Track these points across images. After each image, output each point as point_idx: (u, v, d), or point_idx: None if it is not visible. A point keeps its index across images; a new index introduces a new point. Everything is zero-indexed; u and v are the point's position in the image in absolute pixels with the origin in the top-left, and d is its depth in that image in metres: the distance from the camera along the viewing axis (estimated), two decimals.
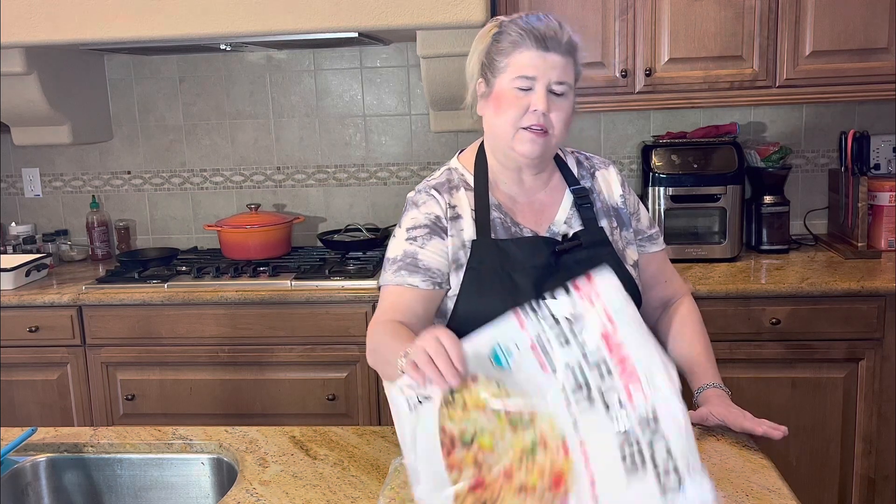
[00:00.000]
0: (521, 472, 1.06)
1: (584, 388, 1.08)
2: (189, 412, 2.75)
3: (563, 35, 1.43)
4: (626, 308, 1.12)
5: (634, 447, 1.05)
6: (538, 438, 1.07)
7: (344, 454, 1.48)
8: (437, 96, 2.75)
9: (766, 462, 1.39)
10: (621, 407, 1.06)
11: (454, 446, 1.09)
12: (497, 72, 1.45)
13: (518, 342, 1.11)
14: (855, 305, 2.48)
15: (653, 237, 1.64)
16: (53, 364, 2.79)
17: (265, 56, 3.20)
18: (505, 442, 1.08)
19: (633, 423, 1.05)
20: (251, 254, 2.99)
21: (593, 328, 1.10)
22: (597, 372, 1.08)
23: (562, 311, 1.11)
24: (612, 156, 3.14)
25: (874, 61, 2.65)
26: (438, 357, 1.10)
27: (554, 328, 1.10)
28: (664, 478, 1.03)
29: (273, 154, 3.29)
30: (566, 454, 1.06)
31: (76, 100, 3.08)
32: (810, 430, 2.56)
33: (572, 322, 1.10)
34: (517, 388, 1.09)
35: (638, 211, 1.63)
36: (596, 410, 1.07)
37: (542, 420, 1.08)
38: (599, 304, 1.11)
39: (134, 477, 1.56)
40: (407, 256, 1.50)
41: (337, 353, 2.68)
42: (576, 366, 1.09)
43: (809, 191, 3.11)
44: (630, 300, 1.13)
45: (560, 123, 1.45)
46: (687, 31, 2.68)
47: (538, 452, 1.07)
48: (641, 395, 1.06)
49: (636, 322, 1.12)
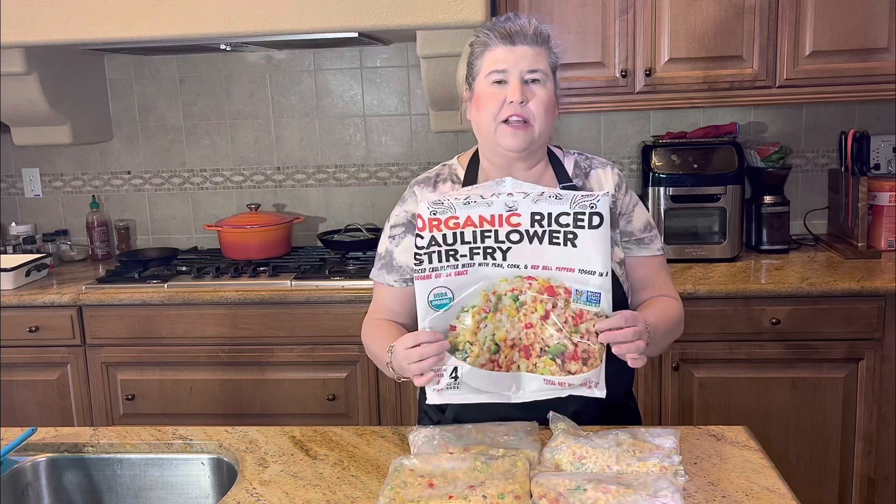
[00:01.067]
0: (533, 314, 1.34)
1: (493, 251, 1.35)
2: (189, 412, 2.75)
3: (530, 28, 1.49)
4: None
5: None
6: (511, 294, 1.34)
7: (344, 454, 1.48)
8: (436, 96, 2.75)
9: (766, 462, 1.38)
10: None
11: (497, 361, 1.35)
12: (475, 75, 1.52)
13: (436, 285, 1.34)
14: (855, 305, 2.48)
15: (644, 241, 1.62)
16: (53, 364, 2.79)
17: (265, 56, 3.20)
18: (505, 319, 1.35)
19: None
20: (251, 254, 2.99)
21: None
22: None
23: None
24: (611, 156, 3.14)
25: (874, 61, 2.65)
26: (420, 353, 1.33)
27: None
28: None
29: (273, 154, 3.29)
30: (531, 278, 1.34)
31: (76, 100, 3.08)
32: (810, 430, 2.56)
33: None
34: (468, 299, 1.34)
35: (631, 213, 1.62)
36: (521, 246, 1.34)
37: (499, 286, 1.34)
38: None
39: (134, 477, 1.56)
40: (387, 255, 1.63)
41: (337, 353, 2.68)
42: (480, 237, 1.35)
43: (809, 191, 3.11)
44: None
45: (541, 111, 1.48)
46: (687, 31, 2.68)
47: (520, 300, 1.34)
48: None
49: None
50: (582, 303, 1.33)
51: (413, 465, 1.31)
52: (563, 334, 1.33)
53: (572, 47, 2.70)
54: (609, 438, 1.36)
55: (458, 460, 1.31)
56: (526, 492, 1.23)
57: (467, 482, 1.25)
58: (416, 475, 1.29)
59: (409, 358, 1.35)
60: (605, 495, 1.19)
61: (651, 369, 2.58)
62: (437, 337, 1.33)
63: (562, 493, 1.21)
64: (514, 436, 1.41)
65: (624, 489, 1.20)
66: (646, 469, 1.29)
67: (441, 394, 1.36)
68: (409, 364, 1.35)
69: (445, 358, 1.35)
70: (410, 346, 1.35)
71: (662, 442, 1.36)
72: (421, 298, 1.34)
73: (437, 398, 1.37)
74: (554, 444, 1.36)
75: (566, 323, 1.33)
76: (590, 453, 1.32)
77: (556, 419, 1.45)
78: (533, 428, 1.45)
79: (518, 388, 1.37)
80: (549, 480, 1.23)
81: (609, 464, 1.31)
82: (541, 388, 1.36)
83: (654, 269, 1.64)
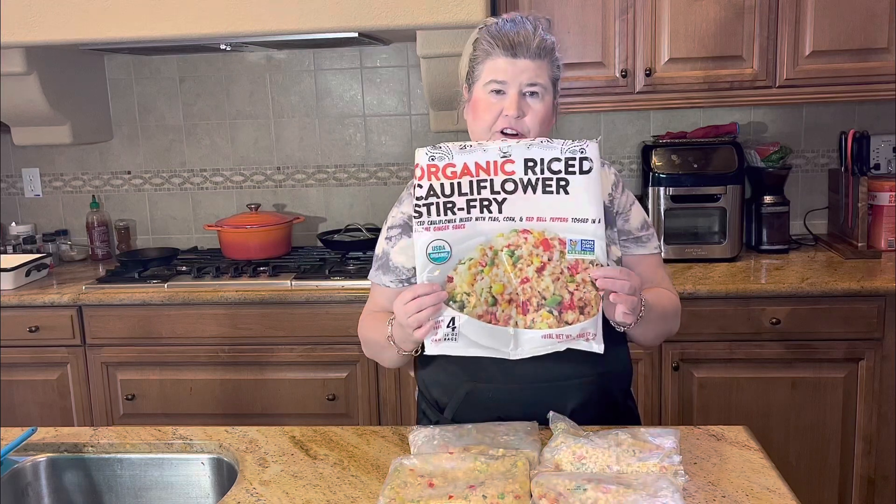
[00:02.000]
0: (529, 267, 1.36)
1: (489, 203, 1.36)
2: (189, 412, 2.75)
3: (535, 38, 1.47)
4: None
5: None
6: (507, 250, 1.35)
7: (344, 454, 1.48)
8: (437, 96, 2.75)
9: (766, 462, 1.38)
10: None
11: (495, 314, 1.36)
12: (474, 79, 1.52)
13: (434, 238, 1.35)
14: (855, 305, 2.48)
15: (641, 239, 1.63)
16: (53, 364, 2.80)
17: (265, 56, 3.20)
18: (502, 273, 1.36)
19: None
20: (251, 254, 2.99)
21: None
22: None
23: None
24: (611, 156, 3.14)
25: (874, 61, 2.65)
26: (418, 305, 1.33)
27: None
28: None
29: (273, 154, 3.29)
30: (527, 232, 1.35)
31: (76, 100, 3.08)
32: (810, 430, 2.56)
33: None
34: (465, 252, 1.36)
35: (628, 212, 1.62)
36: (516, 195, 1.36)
37: (496, 241, 1.36)
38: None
39: (134, 477, 1.56)
40: (384, 255, 1.63)
41: (337, 353, 2.68)
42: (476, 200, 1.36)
43: (809, 191, 3.11)
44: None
45: (536, 125, 1.49)
46: (687, 31, 2.68)
47: (516, 254, 1.35)
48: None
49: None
50: (577, 252, 1.35)
51: (413, 465, 1.31)
52: (559, 283, 1.35)
53: (572, 47, 2.70)
54: (609, 438, 1.36)
55: (458, 460, 1.31)
56: (526, 492, 1.23)
57: (467, 482, 1.25)
58: (416, 475, 1.29)
59: (408, 311, 1.34)
60: (605, 495, 1.19)
61: (651, 369, 2.58)
62: (434, 288, 1.34)
63: (562, 493, 1.21)
64: (514, 436, 1.41)
65: (624, 489, 1.20)
66: (646, 469, 1.29)
67: (438, 344, 1.37)
68: (407, 318, 1.35)
69: (442, 308, 1.35)
70: (408, 300, 1.35)
71: (662, 442, 1.36)
72: (420, 252, 1.35)
73: (434, 348, 1.37)
74: (554, 444, 1.36)
75: (562, 273, 1.35)
76: (590, 453, 1.32)
77: (556, 419, 1.45)
78: (533, 428, 1.45)
79: (516, 345, 1.38)
80: (549, 480, 1.23)
81: (609, 464, 1.31)
82: (539, 343, 1.37)
83: (652, 267, 1.65)
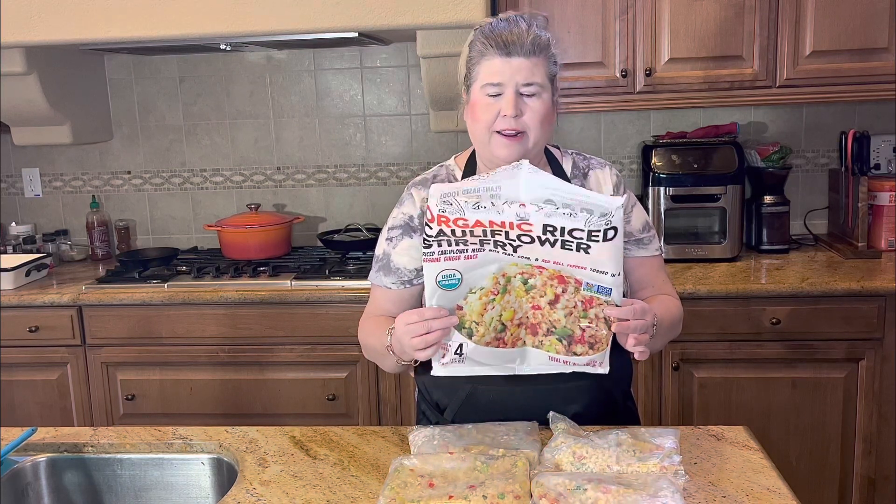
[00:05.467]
0: (542, 298, 1.34)
1: (505, 244, 1.33)
2: (189, 412, 2.75)
3: (528, 36, 1.44)
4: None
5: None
6: (521, 277, 1.34)
7: (344, 454, 1.48)
8: (437, 96, 2.75)
9: (766, 462, 1.38)
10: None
11: (503, 339, 1.36)
12: (471, 81, 1.51)
13: (445, 267, 1.33)
14: (855, 305, 2.48)
15: (643, 241, 1.63)
16: (53, 364, 2.79)
17: (265, 56, 3.20)
18: (514, 300, 1.35)
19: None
20: (251, 254, 2.99)
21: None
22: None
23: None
24: (611, 156, 3.14)
25: (874, 61, 2.65)
26: (427, 325, 1.32)
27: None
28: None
29: (273, 154, 3.29)
30: (542, 267, 1.33)
31: (76, 100, 3.08)
32: (810, 430, 2.56)
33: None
34: (477, 280, 1.34)
35: (630, 214, 1.62)
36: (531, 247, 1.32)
37: (509, 269, 1.34)
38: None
39: (134, 477, 1.56)
40: (385, 257, 1.62)
41: (337, 353, 2.68)
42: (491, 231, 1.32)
43: (809, 191, 3.11)
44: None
45: (535, 123, 1.47)
46: (687, 31, 2.68)
47: (529, 283, 1.34)
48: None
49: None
50: (593, 292, 1.33)
51: (413, 465, 1.31)
52: (571, 318, 1.34)
53: (572, 47, 2.70)
54: (609, 438, 1.36)
55: (458, 460, 1.31)
56: (526, 492, 1.23)
57: (467, 482, 1.25)
58: (416, 475, 1.29)
59: (412, 332, 1.34)
60: (605, 495, 1.19)
61: (651, 369, 2.58)
62: (443, 313, 1.33)
63: (562, 493, 1.21)
64: (514, 436, 1.41)
65: (624, 489, 1.20)
66: (646, 469, 1.29)
67: (446, 367, 1.38)
68: (410, 338, 1.34)
69: (451, 332, 1.35)
70: (413, 322, 1.34)
71: (662, 442, 1.36)
72: (429, 279, 1.33)
73: (441, 370, 1.38)
74: (554, 444, 1.36)
75: (575, 308, 1.34)
76: (590, 453, 1.32)
77: (556, 419, 1.45)
78: (533, 428, 1.45)
79: (522, 361, 1.39)
80: (549, 480, 1.23)
81: (609, 464, 1.31)
82: (545, 362, 1.38)
83: (653, 269, 1.65)
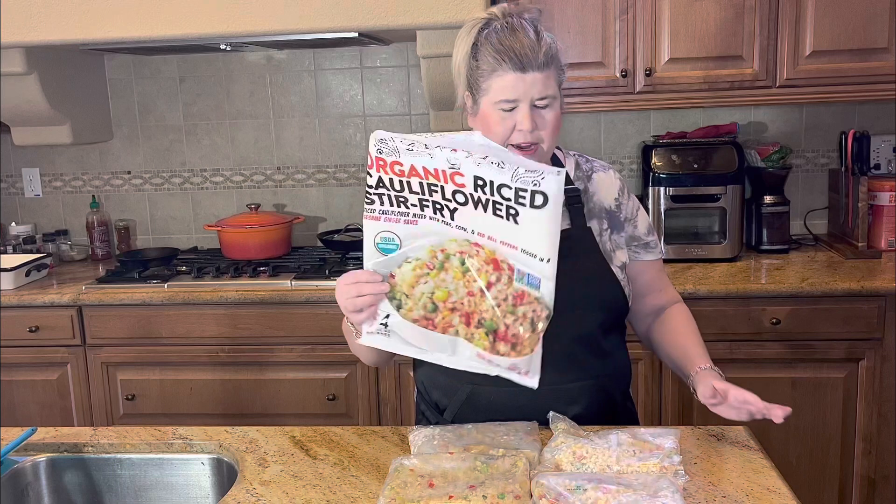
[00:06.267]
0: (475, 283, 1.29)
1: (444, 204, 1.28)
2: (189, 412, 2.75)
3: (541, 48, 1.41)
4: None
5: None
6: (459, 257, 1.29)
7: (344, 454, 1.47)
8: (437, 96, 2.75)
9: (766, 462, 1.38)
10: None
11: (433, 320, 1.31)
12: (480, 93, 1.46)
13: (384, 228, 1.30)
14: (855, 305, 2.48)
15: (649, 245, 1.64)
16: (53, 364, 2.79)
17: (265, 56, 3.20)
18: (450, 280, 1.30)
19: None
20: (251, 254, 2.99)
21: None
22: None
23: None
24: (611, 156, 3.14)
25: (874, 61, 2.65)
26: (358, 287, 1.30)
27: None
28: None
29: (273, 154, 3.29)
30: (479, 245, 1.28)
31: (76, 100, 3.08)
32: (810, 430, 2.56)
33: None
34: (415, 251, 1.30)
35: (635, 217, 1.62)
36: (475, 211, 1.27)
37: (448, 245, 1.29)
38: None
39: (134, 477, 1.56)
40: None
41: (337, 353, 2.68)
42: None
43: (809, 191, 3.11)
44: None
45: (549, 133, 1.46)
46: (687, 31, 2.68)
47: (466, 264, 1.28)
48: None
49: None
50: (524, 283, 1.28)
51: (413, 465, 1.31)
52: (500, 310, 1.29)
53: (572, 47, 2.70)
54: (609, 438, 1.36)
55: (458, 460, 1.31)
56: (526, 492, 1.23)
57: (467, 482, 1.25)
58: (416, 475, 1.29)
59: (347, 293, 1.32)
60: (605, 495, 1.19)
61: (651, 369, 2.57)
62: (376, 278, 1.30)
63: (562, 492, 1.21)
64: (514, 436, 1.41)
65: (624, 489, 1.20)
66: (646, 469, 1.29)
67: (371, 336, 1.35)
68: (345, 300, 1.32)
69: (382, 300, 1.31)
70: (348, 283, 1.32)
71: (662, 442, 1.36)
72: (368, 239, 1.31)
73: (367, 340, 1.35)
74: (554, 443, 1.36)
75: (506, 300, 1.29)
76: (590, 453, 1.32)
77: (556, 419, 1.45)
78: (533, 428, 1.45)
79: (454, 352, 1.33)
80: (549, 480, 1.23)
81: (609, 464, 1.31)
82: (473, 359, 1.33)
83: (657, 272, 1.66)
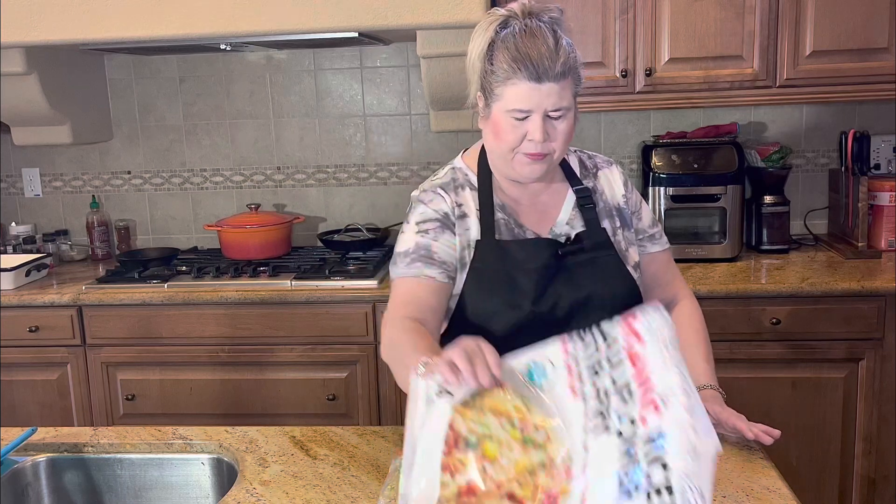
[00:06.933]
0: (513, 484, 1.03)
1: (604, 414, 1.05)
2: (189, 412, 2.75)
3: (559, 57, 1.36)
4: (661, 331, 1.10)
5: (632, 475, 1.00)
6: (546, 461, 1.04)
7: (344, 454, 1.48)
8: (437, 96, 2.75)
9: (766, 462, 1.39)
10: (634, 431, 1.02)
11: (456, 446, 1.04)
12: (493, 98, 1.41)
13: (554, 360, 1.09)
14: (855, 305, 2.48)
15: (654, 236, 1.63)
16: (53, 364, 2.79)
17: (265, 56, 3.20)
18: (511, 456, 1.04)
19: (640, 442, 1.01)
20: (251, 254, 2.99)
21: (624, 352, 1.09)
22: (618, 397, 1.05)
23: (607, 334, 1.11)
24: (612, 156, 3.09)
25: (874, 61, 2.65)
26: (476, 357, 1.08)
27: (593, 355, 1.09)
28: (655, 497, 0.97)
29: (273, 154, 3.29)
30: (568, 477, 1.03)
31: (76, 100, 3.08)
32: (810, 430, 2.56)
33: (610, 346, 1.09)
34: (542, 409, 1.07)
35: (640, 210, 1.62)
36: (610, 436, 1.03)
37: (555, 444, 1.04)
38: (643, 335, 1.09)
39: (134, 477, 1.56)
40: (420, 248, 1.47)
41: (337, 353, 2.68)
42: (602, 391, 1.06)
43: (809, 191, 3.11)
44: (672, 326, 1.12)
45: (560, 143, 1.43)
46: (687, 31, 2.68)
47: (539, 474, 1.04)
48: (656, 416, 1.02)
49: (670, 347, 1.08)
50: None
51: None
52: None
53: None
54: None
55: None
56: None
57: None
58: None
59: (464, 354, 1.09)
60: None
61: None
62: (498, 364, 1.09)
63: None
64: None
65: None
66: None
67: (421, 384, 1.09)
68: (456, 357, 1.09)
69: (444, 399, 1.07)
70: (472, 349, 1.10)
71: None
72: (530, 352, 1.12)
73: (419, 385, 1.10)
74: None
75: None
76: None
77: None
78: None
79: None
80: None
81: None
82: None
83: (665, 263, 1.65)
